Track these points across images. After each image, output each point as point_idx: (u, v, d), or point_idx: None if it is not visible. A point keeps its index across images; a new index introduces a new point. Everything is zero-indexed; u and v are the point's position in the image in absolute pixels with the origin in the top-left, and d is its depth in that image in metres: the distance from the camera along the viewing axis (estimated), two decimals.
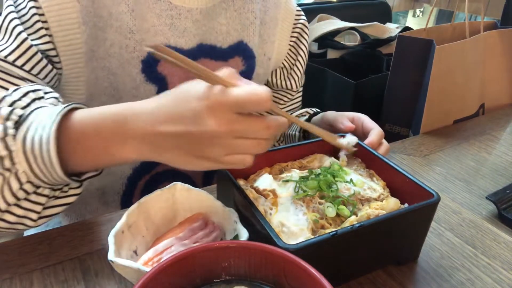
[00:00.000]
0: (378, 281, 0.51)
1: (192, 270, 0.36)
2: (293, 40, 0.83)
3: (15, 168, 0.45)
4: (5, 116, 0.45)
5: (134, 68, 0.64)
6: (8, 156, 0.44)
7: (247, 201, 0.48)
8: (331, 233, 0.43)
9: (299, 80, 0.87)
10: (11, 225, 0.47)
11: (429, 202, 0.49)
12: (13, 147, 0.44)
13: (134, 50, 0.63)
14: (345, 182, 0.55)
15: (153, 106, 0.44)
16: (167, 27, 0.65)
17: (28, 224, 0.48)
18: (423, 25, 1.03)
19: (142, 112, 0.44)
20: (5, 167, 0.44)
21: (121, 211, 0.50)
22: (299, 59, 0.85)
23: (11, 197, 0.45)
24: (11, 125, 0.45)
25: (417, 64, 0.96)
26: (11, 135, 0.44)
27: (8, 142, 0.44)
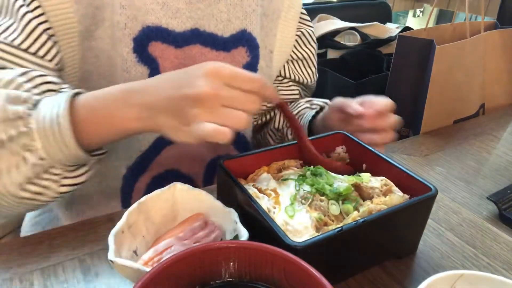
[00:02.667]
0: (378, 281, 0.51)
1: (192, 270, 0.36)
2: (301, 31, 0.82)
3: (33, 145, 0.48)
4: (24, 98, 0.50)
5: (126, 47, 0.63)
6: (26, 133, 0.48)
7: (251, 200, 0.48)
8: (336, 229, 0.44)
9: (313, 75, 0.86)
10: (35, 196, 0.51)
11: (428, 195, 0.50)
12: (31, 125, 0.48)
13: (125, 27, 0.62)
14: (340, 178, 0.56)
15: (158, 77, 0.51)
16: (159, 6, 0.63)
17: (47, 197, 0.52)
18: (423, 25, 1.03)
19: (146, 82, 0.51)
20: (23, 143, 0.48)
21: (121, 211, 0.50)
22: (311, 51, 0.84)
23: (30, 172, 0.49)
24: (29, 106, 0.49)
25: (417, 64, 0.96)
26: (29, 115, 0.49)
27: (27, 120, 0.48)
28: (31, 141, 0.48)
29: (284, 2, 0.77)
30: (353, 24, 1.44)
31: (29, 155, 0.48)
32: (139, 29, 0.62)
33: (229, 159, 0.55)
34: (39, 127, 0.48)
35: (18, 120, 0.48)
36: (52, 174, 0.51)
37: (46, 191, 0.51)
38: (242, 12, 0.71)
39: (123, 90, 0.51)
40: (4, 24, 0.56)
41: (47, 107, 0.49)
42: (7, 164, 0.48)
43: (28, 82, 0.52)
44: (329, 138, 0.63)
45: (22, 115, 0.48)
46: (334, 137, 0.64)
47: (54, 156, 0.49)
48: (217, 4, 0.68)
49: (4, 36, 0.55)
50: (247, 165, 0.57)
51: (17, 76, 0.51)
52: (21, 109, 0.48)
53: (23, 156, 0.48)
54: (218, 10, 0.68)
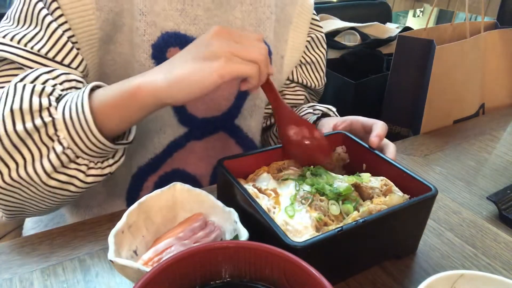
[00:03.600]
0: (378, 281, 0.51)
1: (192, 270, 0.36)
2: (311, 36, 0.82)
3: (57, 134, 0.51)
4: (49, 92, 0.52)
5: (144, 53, 0.63)
6: (51, 122, 0.50)
7: (251, 200, 0.48)
8: (337, 229, 0.44)
9: (321, 79, 0.86)
10: (62, 185, 0.53)
11: (428, 195, 0.51)
12: (55, 115, 0.51)
13: (144, 33, 0.62)
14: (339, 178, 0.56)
15: None
16: (178, 13, 0.64)
17: (75, 187, 0.54)
18: (423, 25, 1.03)
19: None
20: (49, 133, 0.50)
21: (121, 211, 0.50)
22: (320, 56, 0.84)
23: (57, 161, 0.51)
24: (54, 99, 0.52)
25: (417, 64, 0.96)
26: (54, 106, 0.51)
27: (51, 110, 0.51)
28: (56, 131, 0.50)
29: (295, 8, 0.78)
30: (353, 24, 1.44)
31: (55, 144, 0.51)
32: (158, 35, 0.63)
33: (229, 159, 0.55)
34: (63, 117, 0.50)
35: (43, 110, 0.50)
36: (78, 164, 0.53)
37: (73, 180, 0.53)
38: (256, 19, 0.72)
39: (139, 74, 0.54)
40: (30, 33, 0.57)
41: (70, 99, 0.52)
42: (36, 153, 0.50)
43: (53, 79, 0.54)
44: (329, 138, 0.63)
45: (47, 106, 0.50)
46: (334, 137, 0.64)
47: (79, 145, 0.51)
48: (233, 10, 0.69)
49: (30, 45, 0.56)
50: (247, 165, 0.58)
51: (43, 73, 0.54)
52: (46, 101, 0.51)
53: (50, 145, 0.50)
54: (233, 16, 0.69)
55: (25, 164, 0.50)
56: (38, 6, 0.57)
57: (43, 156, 0.50)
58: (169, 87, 0.50)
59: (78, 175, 0.53)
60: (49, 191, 0.53)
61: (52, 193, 0.53)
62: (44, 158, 0.50)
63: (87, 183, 0.54)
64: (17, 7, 0.58)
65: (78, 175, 0.53)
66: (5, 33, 0.56)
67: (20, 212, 0.57)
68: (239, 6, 0.69)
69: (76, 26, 0.59)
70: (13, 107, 0.49)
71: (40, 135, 0.50)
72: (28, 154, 0.50)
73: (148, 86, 0.50)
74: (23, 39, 0.56)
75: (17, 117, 0.49)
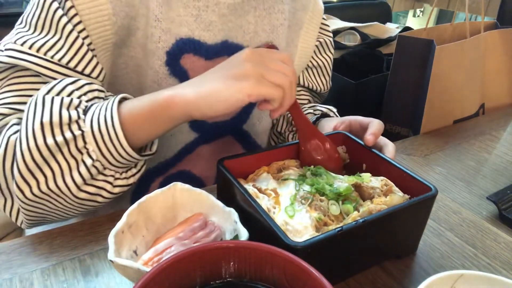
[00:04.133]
0: (377, 281, 0.51)
1: (192, 270, 0.36)
2: (320, 41, 0.82)
3: (86, 147, 0.51)
4: (77, 104, 0.52)
5: (158, 60, 0.63)
6: (81, 135, 0.51)
7: (251, 200, 0.48)
8: (337, 229, 0.44)
9: (327, 83, 0.86)
10: (91, 197, 0.54)
11: (428, 195, 0.51)
12: (84, 128, 0.51)
13: (159, 40, 0.62)
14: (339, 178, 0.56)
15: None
16: (193, 19, 0.63)
17: (102, 198, 0.55)
18: (423, 25, 1.03)
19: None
20: (78, 146, 0.51)
21: (121, 211, 0.50)
22: (327, 60, 0.84)
23: (86, 173, 0.52)
24: (81, 112, 0.52)
25: (417, 64, 0.96)
26: (82, 119, 0.52)
27: (80, 123, 0.51)
28: (85, 144, 0.51)
29: (307, 13, 0.77)
30: (353, 24, 1.44)
31: (84, 157, 0.51)
32: (173, 42, 0.63)
33: (229, 159, 0.55)
34: (91, 130, 0.51)
35: (73, 123, 0.51)
36: (106, 175, 0.54)
37: (101, 191, 0.54)
38: (269, 25, 0.72)
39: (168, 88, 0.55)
40: (49, 41, 0.56)
41: (97, 111, 0.52)
42: (65, 166, 0.51)
43: (77, 90, 0.54)
44: (329, 138, 0.63)
45: (76, 118, 0.51)
46: (334, 137, 0.64)
47: (107, 157, 0.52)
48: (246, 15, 0.68)
49: (51, 54, 0.55)
50: (247, 165, 0.58)
51: (68, 84, 0.54)
52: (75, 114, 0.51)
53: (79, 158, 0.51)
54: (247, 21, 0.69)
55: (54, 177, 0.50)
56: (58, 13, 0.55)
57: (72, 169, 0.51)
58: (197, 101, 0.51)
59: (106, 186, 0.54)
60: (78, 203, 0.54)
61: (80, 204, 0.54)
62: (74, 171, 0.51)
63: (114, 194, 0.55)
64: (34, 12, 0.57)
65: (106, 187, 0.54)
66: (23, 40, 0.55)
67: (42, 221, 0.58)
68: (252, 12, 0.69)
69: (93, 31, 0.58)
70: (43, 120, 0.49)
71: (69, 148, 0.50)
72: (57, 167, 0.50)
73: (180, 98, 0.52)
74: (42, 47, 0.55)
75: (47, 130, 0.49)
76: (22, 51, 0.54)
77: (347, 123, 0.69)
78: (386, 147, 0.64)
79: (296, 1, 0.76)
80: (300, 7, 0.76)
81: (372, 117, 0.69)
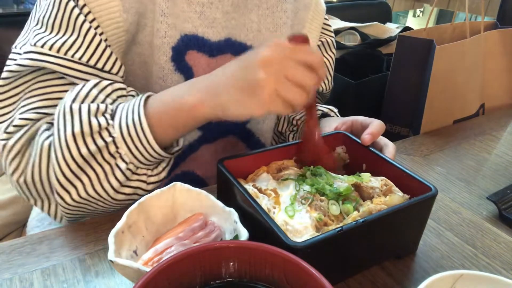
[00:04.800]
0: (377, 281, 0.51)
1: (192, 270, 0.36)
2: (322, 40, 0.82)
3: (119, 152, 0.52)
4: (103, 110, 0.53)
5: (164, 55, 0.63)
6: (112, 142, 0.52)
7: (251, 201, 0.48)
8: (337, 229, 0.44)
9: (329, 83, 0.86)
10: (128, 197, 0.55)
11: (428, 195, 0.51)
12: (114, 134, 0.52)
13: (165, 35, 0.62)
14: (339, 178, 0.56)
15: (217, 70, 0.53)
16: (197, 15, 0.64)
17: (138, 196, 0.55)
18: (423, 25, 1.03)
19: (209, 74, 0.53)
20: (111, 151, 0.52)
21: (121, 211, 0.50)
22: (329, 60, 0.84)
23: (122, 176, 0.53)
24: (109, 117, 0.53)
25: (417, 64, 0.96)
26: (111, 125, 0.53)
27: (110, 130, 0.52)
28: (117, 148, 0.52)
29: (308, 13, 0.78)
30: (353, 24, 1.44)
31: (118, 161, 0.53)
32: (178, 38, 0.64)
33: (229, 159, 0.55)
34: (121, 134, 0.52)
35: (103, 130, 0.52)
36: (139, 174, 0.55)
37: (137, 190, 0.56)
38: (272, 24, 0.72)
39: (187, 82, 0.55)
40: (68, 41, 0.55)
41: (124, 114, 0.53)
42: (102, 171, 0.52)
43: (101, 93, 0.55)
44: (329, 138, 0.63)
45: (106, 125, 0.52)
46: (334, 137, 0.64)
47: (139, 158, 0.53)
48: (249, 14, 0.69)
49: (71, 54, 0.55)
50: (247, 165, 0.58)
51: (91, 89, 0.54)
52: (104, 120, 0.52)
53: (113, 163, 0.52)
54: (250, 20, 0.69)
55: (92, 183, 0.52)
56: (75, 12, 0.55)
57: (108, 174, 0.52)
58: (217, 112, 0.52)
59: (141, 185, 0.56)
60: (116, 203, 0.56)
61: (119, 204, 0.56)
62: (110, 176, 0.53)
63: (148, 191, 0.56)
64: (50, 12, 0.56)
65: (141, 186, 0.56)
66: (43, 42, 0.55)
67: (83, 218, 0.59)
68: (256, 10, 0.69)
69: (106, 28, 0.58)
70: (74, 131, 0.51)
71: (102, 155, 0.52)
72: (93, 173, 0.52)
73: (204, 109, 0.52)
74: (62, 47, 0.55)
75: (79, 140, 0.51)
76: (43, 53, 0.54)
77: (348, 124, 0.69)
78: (386, 147, 0.64)
79: (298, 1, 0.76)
80: (302, 7, 0.77)
81: (372, 117, 0.69)
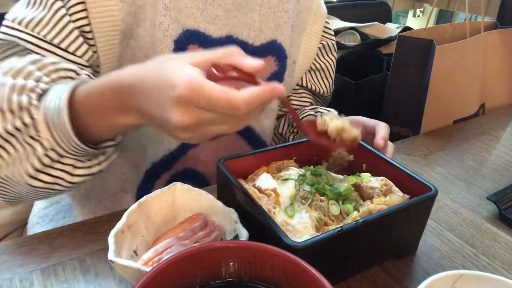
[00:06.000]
0: (378, 281, 0.51)
1: (192, 270, 0.36)
2: (322, 43, 0.83)
3: (39, 135, 0.48)
4: (30, 88, 0.49)
5: (166, 48, 0.63)
6: (32, 124, 0.48)
7: (251, 201, 0.48)
8: (336, 229, 0.44)
9: (330, 86, 0.87)
10: (47, 185, 0.51)
11: (428, 195, 0.51)
12: (36, 115, 0.48)
13: (168, 28, 0.62)
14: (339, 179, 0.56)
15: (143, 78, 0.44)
16: (199, 11, 0.64)
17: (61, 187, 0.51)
18: (423, 25, 1.03)
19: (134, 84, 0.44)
20: (30, 134, 0.48)
21: (121, 211, 0.50)
22: (329, 63, 0.85)
23: (38, 162, 0.49)
24: (35, 97, 0.49)
25: (417, 64, 0.96)
26: (35, 105, 0.48)
27: (32, 110, 0.48)
28: (37, 132, 0.48)
29: (310, 16, 0.79)
30: (353, 24, 1.44)
31: (37, 145, 0.48)
32: (180, 32, 0.64)
33: (229, 159, 0.55)
34: (45, 118, 0.48)
35: (23, 111, 0.48)
36: (64, 164, 0.50)
37: (58, 180, 0.51)
38: (274, 23, 0.73)
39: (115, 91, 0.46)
40: (37, 16, 0.56)
41: (53, 97, 0.48)
42: (18, 155, 0.49)
43: (39, 70, 0.52)
44: None
45: (27, 105, 0.48)
46: None
47: (62, 146, 0.48)
48: (252, 13, 0.70)
49: (37, 30, 0.56)
50: (247, 165, 0.58)
51: (28, 64, 0.51)
52: (25, 100, 0.48)
53: (32, 147, 0.48)
54: (252, 19, 0.70)
55: (7, 164, 0.49)
56: None
57: (23, 158, 0.49)
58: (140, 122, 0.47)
59: (64, 176, 0.51)
60: (34, 191, 0.52)
61: (37, 192, 0.52)
62: (26, 159, 0.49)
63: (73, 183, 0.52)
64: None
65: (64, 176, 0.51)
66: (14, 16, 0.56)
67: (18, 201, 0.57)
68: (258, 9, 0.70)
69: (95, 15, 0.58)
70: None
71: (21, 135, 0.48)
72: (9, 154, 0.49)
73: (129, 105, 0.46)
74: (30, 23, 0.56)
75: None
76: (13, 27, 0.55)
77: None
78: (385, 147, 0.64)
79: (300, 3, 0.77)
80: (303, 9, 0.78)
81: (372, 117, 0.69)
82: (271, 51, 0.74)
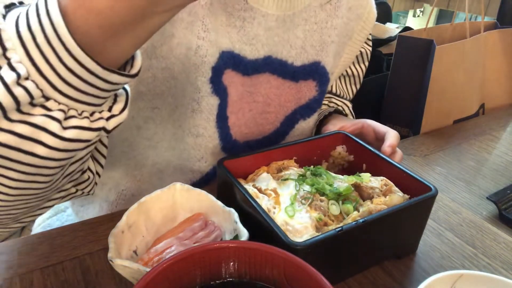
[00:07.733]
0: (378, 281, 0.51)
1: (192, 270, 0.36)
2: (361, 50, 0.79)
3: (7, 56, 0.31)
4: None
5: (202, 76, 0.55)
6: None
7: (251, 200, 0.48)
8: (337, 229, 0.44)
9: (355, 92, 0.85)
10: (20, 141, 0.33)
11: (428, 195, 0.51)
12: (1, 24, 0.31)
13: (206, 54, 0.54)
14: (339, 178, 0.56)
15: None
16: (236, 30, 0.56)
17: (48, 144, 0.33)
18: (423, 25, 1.03)
19: None
20: None
21: (121, 211, 0.50)
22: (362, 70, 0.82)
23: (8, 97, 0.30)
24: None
25: (417, 64, 0.96)
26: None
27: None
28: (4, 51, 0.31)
29: (359, 24, 0.72)
30: None
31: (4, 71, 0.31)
32: (217, 56, 0.56)
33: (229, 159, 0.55)
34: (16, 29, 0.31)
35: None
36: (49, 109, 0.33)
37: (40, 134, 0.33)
38: (319, 42, 0.65)
39: None
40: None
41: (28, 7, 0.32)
42: None
43: None
44: (329, 138, 0.63)
45: None
46: (334, 136, 0.64)
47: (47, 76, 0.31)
48: (295, 29, 0.62)
49: None
50: (247, 165, 0.58)
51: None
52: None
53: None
54: (295, 35, 0.62)
55: None
56: None
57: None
58: None
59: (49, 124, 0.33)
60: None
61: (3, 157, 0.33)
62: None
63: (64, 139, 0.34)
64: None
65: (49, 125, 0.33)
66: None
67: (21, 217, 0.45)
68: (302, 24, 0.62)
69: None
70: None
71: None
72: None
73: None
74: None
75: None
76: None
77: (358, 126, 0.67)
78: (388, 134, 0.64)
79: (351, 11, 0.69)
80: (354, 17, 0.70)
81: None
82: (313, 74, 0.66)
